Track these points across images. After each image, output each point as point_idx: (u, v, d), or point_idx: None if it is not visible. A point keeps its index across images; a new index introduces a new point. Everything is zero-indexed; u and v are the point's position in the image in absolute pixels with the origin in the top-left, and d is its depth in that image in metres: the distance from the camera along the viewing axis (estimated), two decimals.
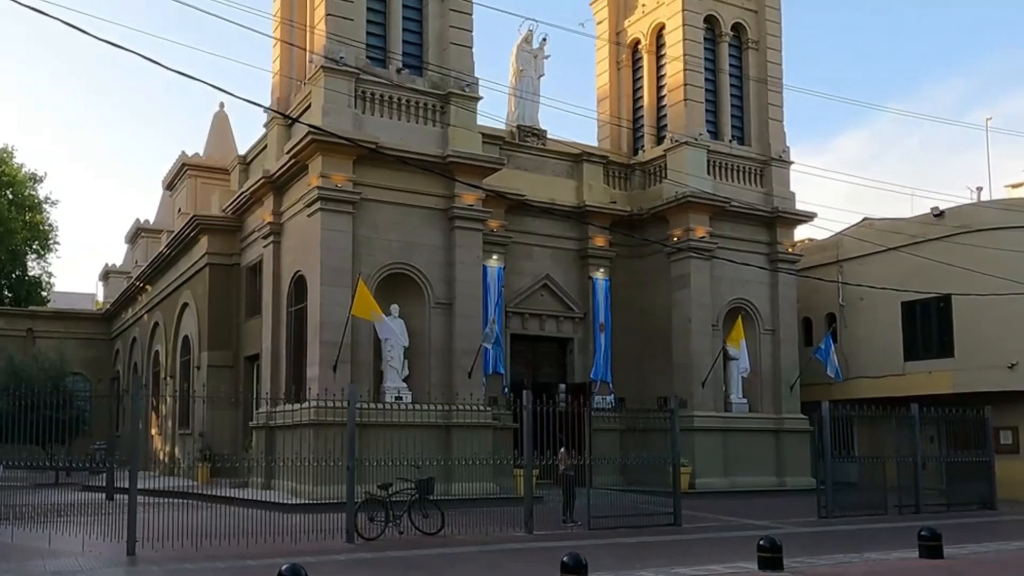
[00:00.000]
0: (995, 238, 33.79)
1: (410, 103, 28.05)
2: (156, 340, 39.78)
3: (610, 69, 37.31)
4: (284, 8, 30.00)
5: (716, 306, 33.24)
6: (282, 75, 29.90)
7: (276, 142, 29.19)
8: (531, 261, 32.35)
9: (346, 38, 26.83)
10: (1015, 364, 32.85)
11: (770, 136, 35.57)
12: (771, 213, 34.65)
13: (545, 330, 32.70)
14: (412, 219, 27.66)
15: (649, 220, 33.76)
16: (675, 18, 34.46)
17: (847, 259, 37.46)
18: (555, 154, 33.65)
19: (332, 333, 25.59)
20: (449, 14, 28.91)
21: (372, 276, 26.52)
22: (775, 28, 36.43)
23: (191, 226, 33.12)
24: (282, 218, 29.23)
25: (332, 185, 26.22)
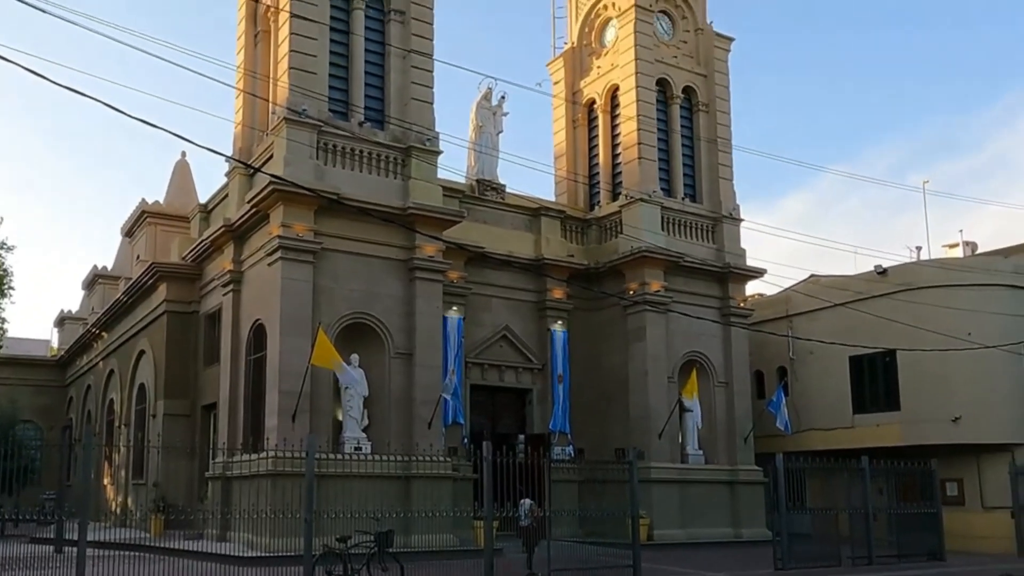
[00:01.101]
0: (935, 295, 33.94)
1: (371, 155, 27.54)
2: (111, 388, 38.35)
3: (566, 127, 37.18)
4: (247, 59, 29.45)
5: (671, 358, 32.80)
6: (244, 125, 29.21)
7: (237, 191, 28.41)
8: (490, 312, 31.72)
9: (309, 90, 26.32)
10: (958, 418, 32.75)
11: (720, 194, 35.52)
12: (723, 269, 34.49)
13: (504, 381, 32.00)
14: (373, 269, 26.97)
15: (606, 273, 33.38)
16: (628, 80, 34.46)
17: (796, 314, 37.39)
18: (514, 208, 33.24)
19: (291, 382, 24.67)
20: (410, 70, 28.60)
21: (332, 325, 25.74)
22: (723, 92, 36.64)
23: (149, 273, 32.02)
24: (242, 266, 28.33)
25: (293, 235, 25.48)
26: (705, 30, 36.93)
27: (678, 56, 36.11)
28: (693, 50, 36.70)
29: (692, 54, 36.63)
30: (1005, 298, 34.66)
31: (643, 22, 34.63)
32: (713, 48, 36.81)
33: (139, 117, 15.59)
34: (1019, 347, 33.71)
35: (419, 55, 28.82)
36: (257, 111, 29.12)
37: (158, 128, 17.08)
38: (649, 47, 34.74)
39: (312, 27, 27.09)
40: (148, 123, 16.29)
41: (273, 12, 28.70)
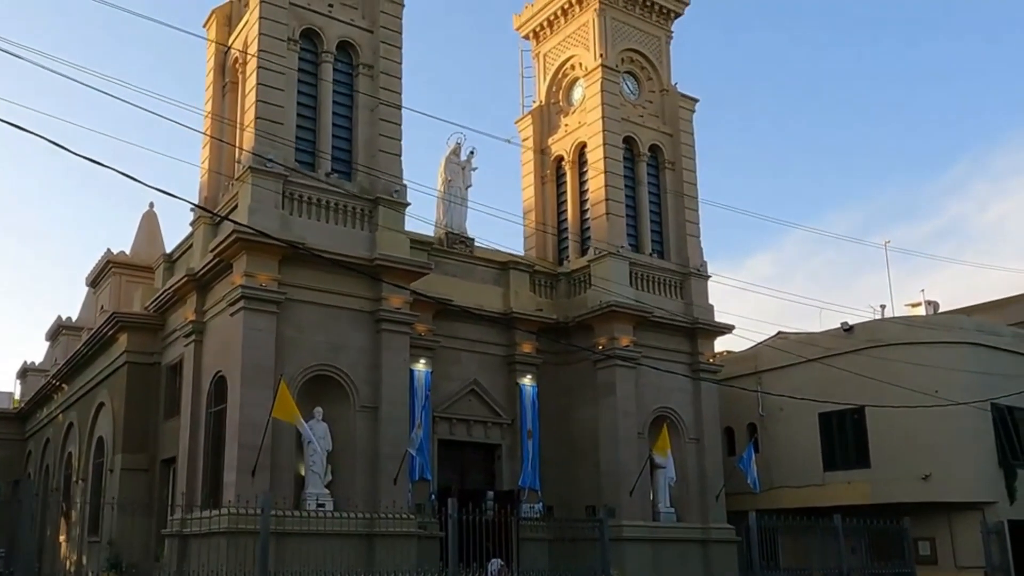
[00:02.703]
0: (901, 352, 33.32)
1: (339, 206, 26.42)
2: (70, 441, 36.37)
3: (535, 183, 36.32)
4: (214, 109, 28.39)
5: (642, 414, 31.55)
6: (210, 175, 28.08)
7: (202, 240, 27.11)
8: (459, 366, 30.38)
9: (275, 140, 25.21)
10: (928, 476, 31.78)
11: (688, 250, 34.68)
12: (692, 324, 33.47)
13: (473, 436, 30.53)
14: (338, 321, 25.64)
15: (575, 328, 32.20)
16: (596, 138, 33.78)
17: (765, 370, 36.50)
18: (483, 261, 32.15)
19: (251, 436, 23.13)
20: (379, 122, 27.66)
21: (296, 378, 24.33)
22: (689, 151, 36.04)
23: (110, 323, 30.36)
24: (205, 317, 26.90)
25: (256, 284, 24.13)
26: (670, 91, 36.47)
27: (644, 115, 35.58)
28: (659, 110, 36.22)
29: (658, 114, 36.14)
30: (970, 356, 34.03)
31: (610, 82, 34.14)
32: (678, 108, 36.29)
33: (107, 164, 14.67)
34: (986, 405, 33.00)
35: (388, 107, 27.93)
36: (224, 161, 28.02)
37: (123, 174, 16.04)
38: (616, 106, 34.21)
39: (279, 78, 26.16)
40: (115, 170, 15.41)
41: (241, 64, 27.81)
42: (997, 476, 32.91)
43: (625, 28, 35.76)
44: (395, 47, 28.69)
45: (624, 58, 35.52)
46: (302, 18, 27.48)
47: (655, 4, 36.53)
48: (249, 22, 27.20)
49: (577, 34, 36.03)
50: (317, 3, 27.92)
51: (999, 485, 32.82)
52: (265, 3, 26.48)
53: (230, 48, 28.94)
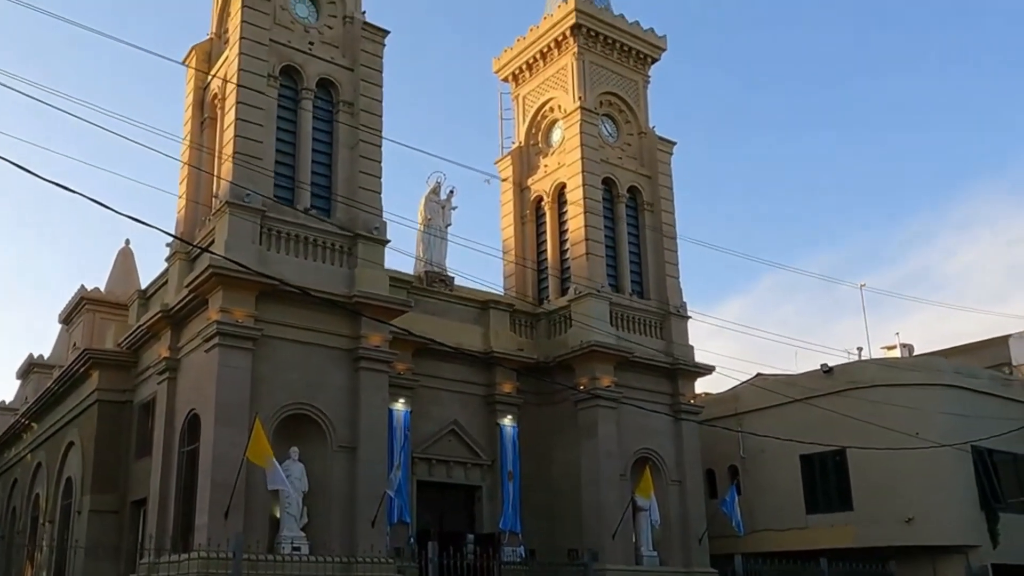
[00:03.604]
0: (881, 394, 32.93)
1: (317, 242, 25.63)
2: (38, 482, 34.86)
3: (515, 223, 35.67)
4: (192, 145, 27.58)
5: (624, 455, 30.64)
6: (187, 210, 27.25)
7: (177, 276, 26.15)
8: (438, 406, 29.41)
9: (253, 176, 24.47)
10: (911, 519, 31.03)
11: (667, 291, 34.09)
12: (672, 365, 32.76)
13: (452, 477, 29.47)
14: (315, 358, 24.69)
15: (555, 368, 31.34)
16: (575, 179, 33.28)
17: (745, 412, 35.82)
18: (462, 300, 31.38)
19: (225, 476, 22.04)
20: (359, 159, 27.02)
21: (271, 416, 23.34)
22: (667, 193, 35.62)
23: (82, 360, 29.13)
24: (179, 354, 25.87)
25: (232, 320, 23.18)
26: (648, 134, 36.13)
27: (623, 157, 35.21)
28: (637, 152, 35.86)
29: (636, 156, 35.78)
30: (949, 398, 33.58)
31: (588, 123, 33.76)
32: (656, 151, 35.92)
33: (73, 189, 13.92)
34: (966, 447, 32.43)
35: (368, 144, 27.31)
36: (201, 197, 27.23)
37: (91, 199, 15.18)
38: (595, 147, 33.80)
39: (258, 114, 25.49)
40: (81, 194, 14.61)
41: (220, 99, 27.16)
42: (979, 519, 32.25)
43: (603, 72, 35.51)
44: (375, 85, 28.19)
45: (602, 101, 35.23)
46: (282, 55, 26.93)
47: (632, 49, 36.35)
48: (229, 58, 26.61)
49: (556, 77, 35.71)
50: (297, 41, 27.42)
51: (982, 529, 32.16)
52: (245, 40, 25.93)
53: (209, 84, 28.32)
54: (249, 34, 25.99)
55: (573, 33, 34.84)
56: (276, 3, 27.20)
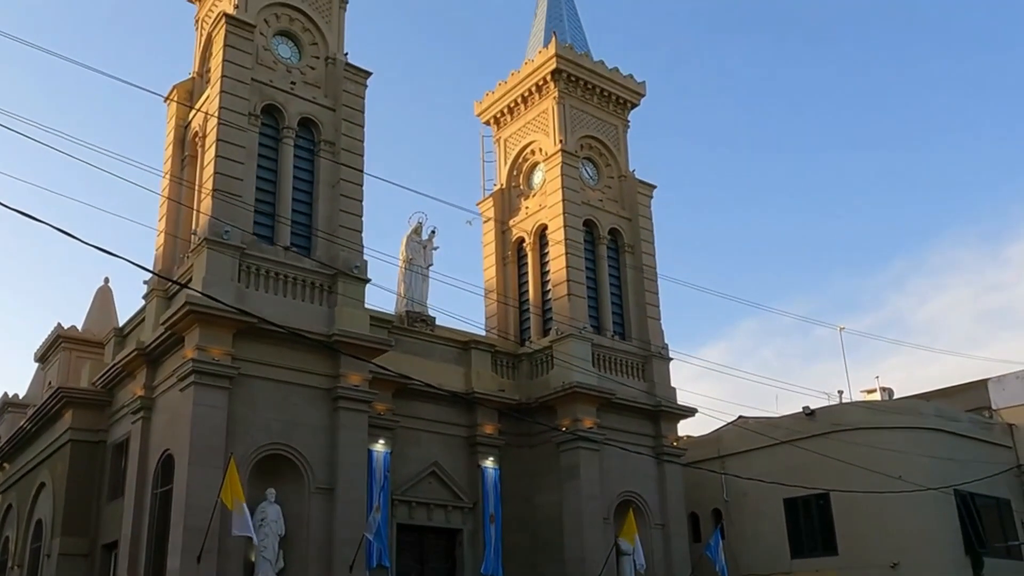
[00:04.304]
0: (864, 437, 32.41)
1: (297, 280, 25.13)
2: (8, 524, 33.58)
3: (497, 263, 35.22)
4: (172, 183, 27.08)
5: (607, 498, 29.90)
6: (165, 248, 26.71)
7: (154, 314, 25.49)
8: (419, 447, 28.60)
9: (233, 214, 24.04)
10: (897, 564, 30.27)
11: (649, 333, 33.60)
12: (655, 407, 32.18)
13: (433, 520, 28.52)
14: (294, 397, 24.05)
15: (537, 409, 30.65)
16: (556, 220, 33.00)
17: (728, 455, 35.07)
18: (444, 340, 30.74)
19: (198, 518, 21.25)
20: (340, 198, 26.70)
21: (248, 457, 22.66)
22: (648, 235, 35.38)
23: (55, 399, 28.18)
24: (154, 393, 25.12)
25: (209, 358, 22.55)
26: (628, 177, 35.99)
27: (603, 200, 34.99)
28: (618, 195, 35.66)
29: (617, 199, 35.58)
30: (931, 441, 33.04)
31: (569, 166, 33.59)
32: (637, 194, 35.79)
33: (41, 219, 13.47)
34: (949, 491, 31.82)
35: (349, 183, 26.95)
36: (180, 234, 26.70)
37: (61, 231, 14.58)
38: (576, 189, 33.60)
39: (239, 151, 25.14)
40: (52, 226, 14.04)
41: (200, 137, 26.83)
42: (964, 564, 31.49)
43: (583, 116, 35.40)
44: (357, 125, 27.95)
45: (583, 144, 35.07)
46: (264, 94, 26.63)
47: (611, 94, 36.29)
48: (210, 97, 26.29)
49: (537, 120, 35.53)
50: (279, 81, 27.14)
51: (967, 574, 31.34)
52: (227, 78, 25.61)
53: (190, 122, 27.90)
54: (231, 72, 25.68)
55: (554, 78, 34.78)
56: (259, 43, 26.96)
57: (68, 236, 15.09)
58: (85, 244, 14.86)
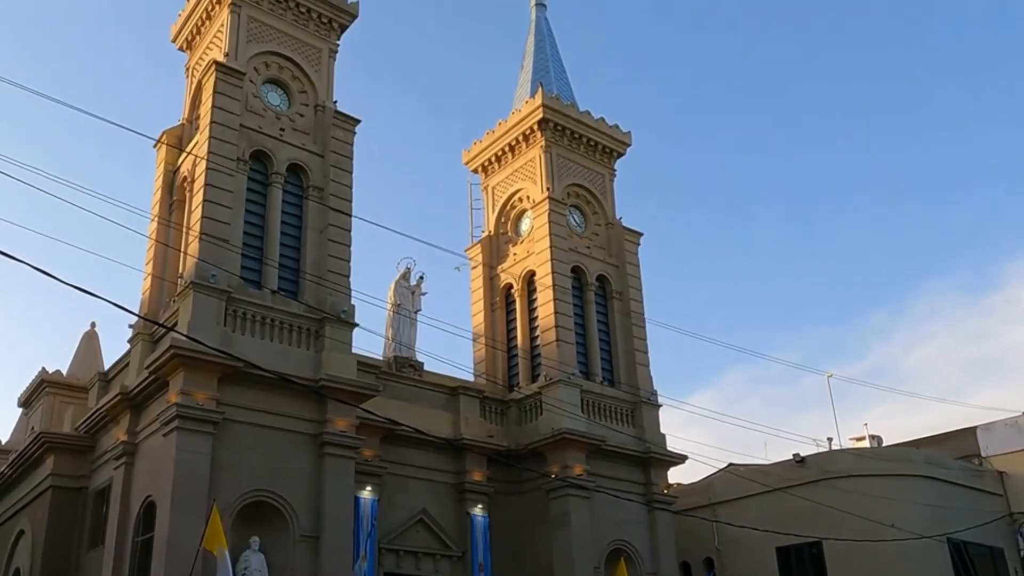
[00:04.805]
0: (855, 484, 31.88)
1: (284, 325, 24.78)
2: None
3: (485, 309, 34.96)
4: (160, 228, 26.89)
5: (598, 546, 29.23)
6: (151, 293, 26.41)
7: (139, 357, 25.00)
8: (406, 494, 27.97)
9: (220, 257, 23.79)
10: None
11: (638, 379, 33.24)
12: (645, 453, 31.72)
13: (421, 570, 27.73)
14: (279, 443, 23.54)
15: (527, 456, 30.10)
16: (544, 267, 32.84)
17: (719, 502, 34.49)
18: (432, 386, 30.31)
19: (180, 566, 20.60)
20: (328, 243, 26.48)
21: (231, 504, 22.06)
22: (636, 282, 35.22)
23: (37, 444, 27.48)
24: (137, 438, 24.53)
25: (193, 403, 22.09)
26: (615, 224, 35.95)
27: (591, 247, 34.90)
28: (605, 242, 35.59)
29: (604, 246, 35.49)
30: (922, 489, 32.63)
31: (557, 213, 33.56)
32: (624, 241, 35.72)
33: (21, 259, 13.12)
34: (942, 539, 31.30)
35: (337, 229, 26.78)
36: (167, 281, 26.38)
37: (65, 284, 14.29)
38: (563, 236, 33.52)
39: (227, 196, 24.97)
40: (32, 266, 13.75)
41: (189, 182, 26.64)
42: None
43: (570, 164, 35.47)
44: (346, 171, 27.87)
45: (570, 192, 35.08)
46: (252, 140, 26.55)
47: (598, 144, 36.41)
48: (199, 142, 26.19)
49: (524, 168, 35.56)
50: (268, 127, 27.10)
51: None
52: (216, 124, 25.56)
53: (179, 168, 27.79)
54: (220, 118, 25.61)
55: (541, 127, 34.87)
56: (248, 90, 26.94)
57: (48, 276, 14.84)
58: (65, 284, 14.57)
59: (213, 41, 28.74)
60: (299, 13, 29.19)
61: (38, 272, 14.13)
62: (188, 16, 30.11)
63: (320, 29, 29.66)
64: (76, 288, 15.45)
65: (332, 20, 29.89)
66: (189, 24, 30.12)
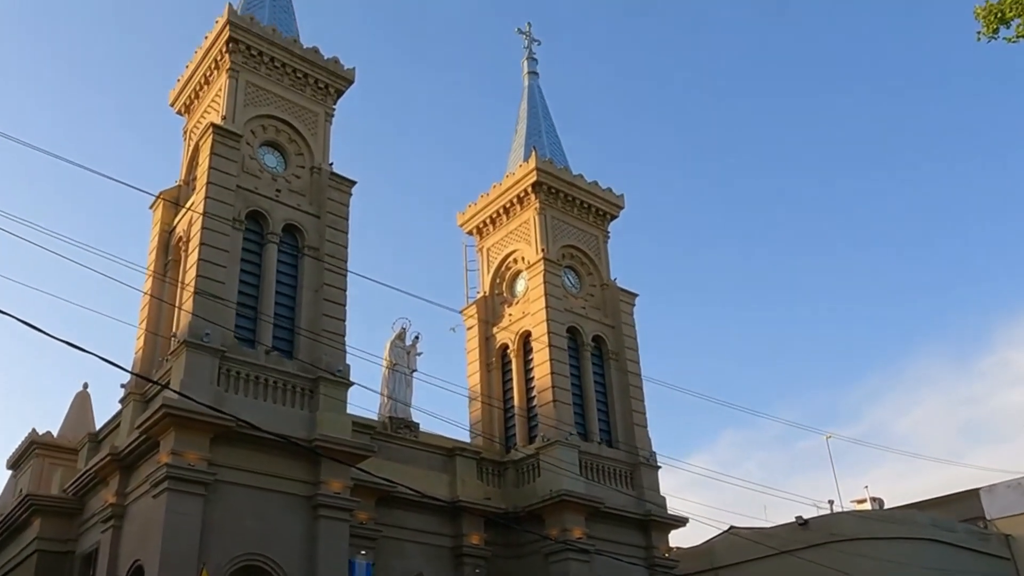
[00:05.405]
0: (858, 547, 31.07)
1: (277, 384, 24.36)
2: None
3: (481, 369, 34.52)
4: (155, 286, 26.52)
5: None
6: (144, 352, 26.00)
7: (130, 417, 24.51)
8: (402, 558, 27.20)
9: (214, 316, 23.44)
10: None
11: (636, 440, 32.63)
12: (645, 516, 30.98)
13: None
14: (272, 505, 22.92)
15: (525, 518, 29.37)
16: (540, 327, 32.55)
17: (722, 566, 33.60)
18: (428, 447, 29.73)
19: None
20: (323, 303, 26.20)
21: (222, 568, 21.38)
22: (631, 343, 34.88)
23: (23, 506, 26.67)
24: (127, 500, 23.86)
25: (184, 463, 21.54)
26: (610, 286, 35.77)
27: (586, 307, 34.64)
28: (600, 303, 35.33)
29: (599, 307, 35.23)
30: (928, 552, 31.97)
31: (552, 274, 33.37)
32: (619, 302, 35.45)
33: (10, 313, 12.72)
34: None
35: (332, 288, 26.51)
36: (160, 340, 25.94)
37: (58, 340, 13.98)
38: (559, 297, 33.27)
39: (222, 255, 24.76)
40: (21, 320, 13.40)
41: (184, 242, 26.45)
42: None
43: (564, 226, 35.44)
44: (341, 232, 27.75)
45: (565, 254, 34.97)
46: (248, 200, 26.45)
47: (591, 207, 36.43)
48: (195, 203, 26.01)
49: (519, 230, 35.48)
50: (265, 188, 27.04)
51: None
52: (212, 184, 25.50)
53: (175, 228, 27.63)
54: (216, 179, 25.55)
55: (534, 190, 34.88)
56: (245, 152, 26.93)
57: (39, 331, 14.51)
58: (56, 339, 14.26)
59: (211, 105, 28.83)
60: (296, 78, 29.37)
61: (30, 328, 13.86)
62: (187, 81, 30.26)
63: (317, 94, 29.81)
64: (67, 343, 15.11)
65: (328, 85, 30.07)
66: (188, 89, 30.26)
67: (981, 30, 14.51)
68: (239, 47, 28.16)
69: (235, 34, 28.02)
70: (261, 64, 28.64)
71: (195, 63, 29.66)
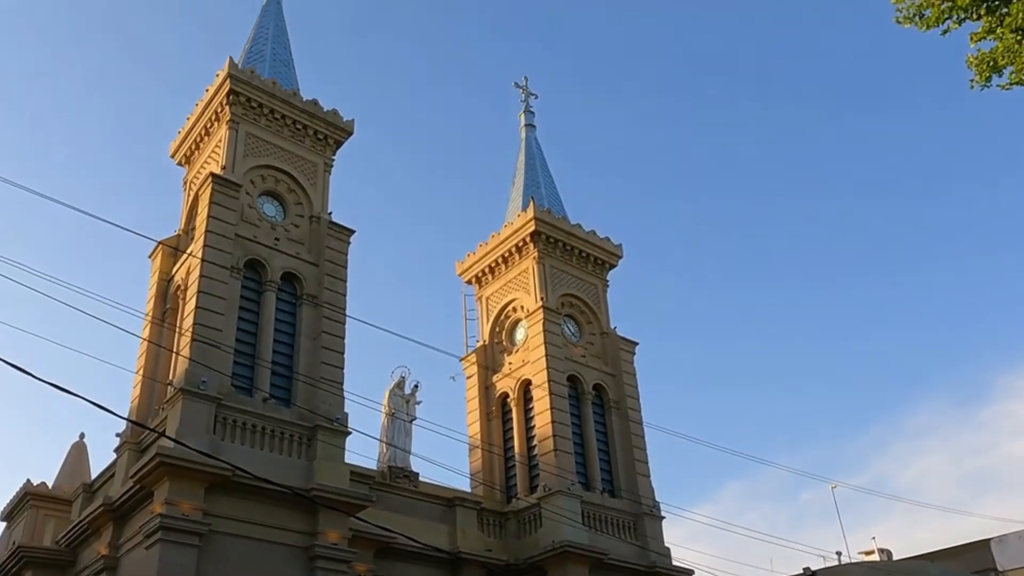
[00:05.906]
0: None
1: (275, 433, 23.92)
2: None
3: (481, 418, 33.97)
4: (152, 333, 26.29)
5: None
6: (140, 401, 25.62)
7: (125, 467, 23.99)
8: None
9: (211, 364, 23.12)
10: None
11: (639, 490, 31.99)
12: (649, 568, 30.19)
13: None
14: (268, 556, 22.34)
15: (527, 570, 28.61)
16: (540, 375, 32.10)
17: None
18: (428, 497, 29.03)
19: None
20: (321, 351, 25.89)
21: None
22: (632, 392, 34.40)
23: (14, 558, 25.98)
24: (119, 551, 23.24)
25: (178, 513, 20.99)
26: (610, 334, 35.40)
27: (586, 356, 34.24)
28: (600, 351, 34.93)
29: (600, 355, 34.82)
30: None
31: (551, 322, 33.03)
32: (619, 351, 35.04)
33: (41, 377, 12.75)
34: None
35: (331, 336, 26.26)
36: (157, 389, 25.67)
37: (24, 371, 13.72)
38: (559, 345, 32.89)
39: (220, 303, 24.52)
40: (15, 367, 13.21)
41: (182, 291, 26.21)
42: None
43: (563, 275, 35.23)
44: (340, 280, 27.57)
45: (564, 302, 34.69)
46: (247, 249, 26.32)
47: (590, 256, 36.28)
48: (194, 251, 25.83)
49: (518, 279, 35.28)
50: (263, 237, 26.93)
51: None
52: (211, 233, 25.36)
53: (173, 277, 27.48)
54: (215, 228, 25.43)
55: (533, 240, 34.74)
56: (244, 202, 26.85)
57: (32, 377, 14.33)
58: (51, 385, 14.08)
59: (211, 155, 28.86)
60: (296, 130, 29.45)
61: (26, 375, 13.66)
62: (187, 133, 30.34)
63: (316, 144, 29.86)
64: (62, 389, 14.93)
65: (328, 136, 30.14)
66: (188, 140, 30.32)
67: (974, 78, 14.44)
68: (239, 99, 28.27)
69: (236, 87, 28.15)
70: (261, 116, 28.73)
71: (196, 115, 29.78)
